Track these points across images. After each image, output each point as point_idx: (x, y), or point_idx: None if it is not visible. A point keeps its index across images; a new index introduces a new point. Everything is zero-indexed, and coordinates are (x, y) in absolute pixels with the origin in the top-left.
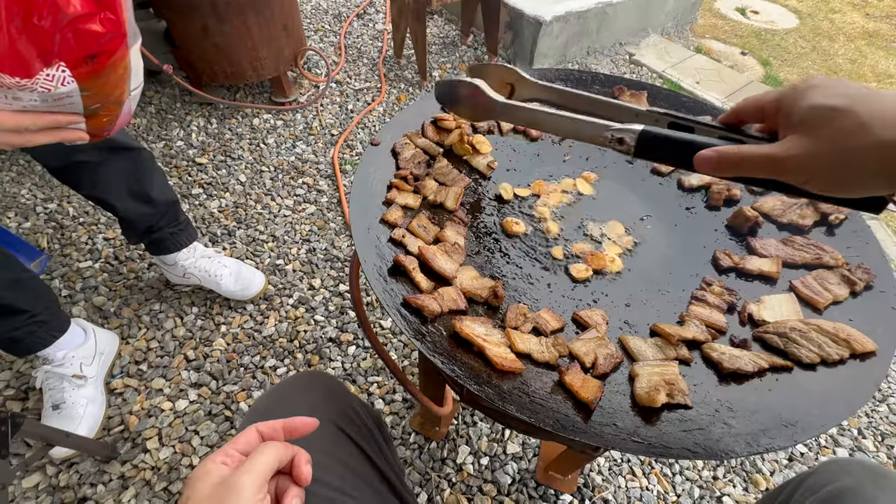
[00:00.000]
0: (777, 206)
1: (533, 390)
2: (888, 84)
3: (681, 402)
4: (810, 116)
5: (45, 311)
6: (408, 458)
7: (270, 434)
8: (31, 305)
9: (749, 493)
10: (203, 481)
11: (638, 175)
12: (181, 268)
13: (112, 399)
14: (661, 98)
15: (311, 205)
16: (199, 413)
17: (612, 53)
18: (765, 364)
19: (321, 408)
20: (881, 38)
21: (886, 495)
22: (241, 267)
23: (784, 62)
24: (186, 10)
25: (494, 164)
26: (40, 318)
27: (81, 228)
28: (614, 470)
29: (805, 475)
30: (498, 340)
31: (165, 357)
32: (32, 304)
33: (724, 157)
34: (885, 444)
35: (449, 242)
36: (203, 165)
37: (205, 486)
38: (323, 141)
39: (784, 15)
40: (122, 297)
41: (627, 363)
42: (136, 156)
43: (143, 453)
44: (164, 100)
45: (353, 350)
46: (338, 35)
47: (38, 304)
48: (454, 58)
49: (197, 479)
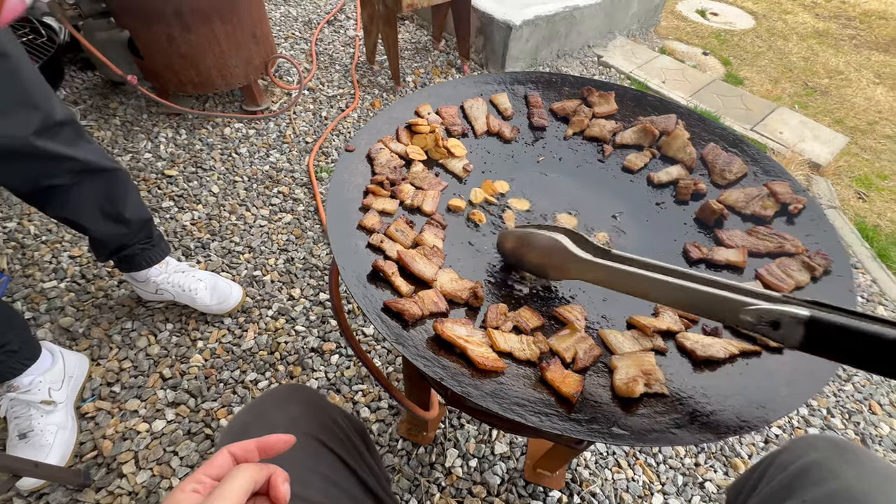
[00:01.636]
0: (740, 199)
1: (516, 388)
2: (839, 80)
3: (658, 391)
4: None
5: (15, 339)
6: (396, 465)
7: (244, 455)
8: (4, 338)
9: (729, 477)
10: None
11: (609, 173)
12: (153, 284)
13: (84, 424)
14: (627, 98)
15: (287, 214)
16: (177, 433)
17: (582, 56)
18: (735, 350)
19: (301, 421)
20: (830, 36)
21: (851, 468)
22: (216, 280)
23: (743, 61)
24: (150, 18)
25: (470, 167)
26: (9, 349)
27: (44, 247)
28: (600, 463)
29: (777, 452)
30: (479, 340)
31: (140, 377)
32: (5, 336)
33: None
34: (852, 421)
35: (427, 246)
36: (173, 177)
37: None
38: (297, 149)
39: (741, 16)
40: (90, 316)
41: (607, 356)
42: (110, 177)
43: (119, 478)
44: (129, 111)
45: (337, 359)
46: (309, 42)
47: (8, 333)
48: (427, 63)
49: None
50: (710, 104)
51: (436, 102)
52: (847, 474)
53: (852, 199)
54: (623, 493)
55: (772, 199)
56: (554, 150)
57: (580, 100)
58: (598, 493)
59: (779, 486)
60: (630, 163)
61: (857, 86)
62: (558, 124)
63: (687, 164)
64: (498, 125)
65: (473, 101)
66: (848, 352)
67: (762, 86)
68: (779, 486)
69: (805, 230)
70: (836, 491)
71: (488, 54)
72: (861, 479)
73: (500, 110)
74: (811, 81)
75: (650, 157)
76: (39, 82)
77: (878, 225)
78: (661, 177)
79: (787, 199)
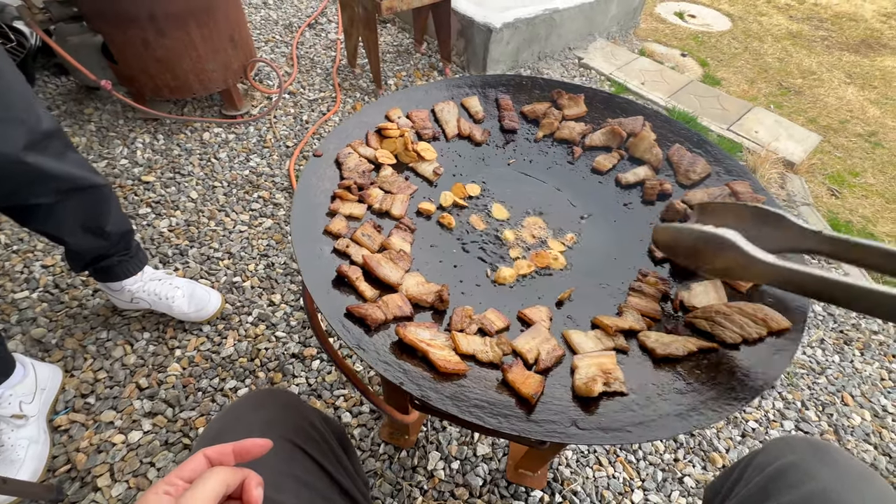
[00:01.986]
0: (704, 199)
1: (477, 390)
2: (812, 80)
3: (618, 389)
4: None
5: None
6: (378, 469)
7: (219, 458)
8: None
9: (707, 472)
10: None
11: (579, 174)
12: (128, 293)
13: (57, 437)
14: (597, 100)
15: (267, 219)
16: (154, 444)
17: (563, 58)
18: (693, 347)
19: (276, 425)
20: (804, 38)
21: (828, 469)
22: (194, 287)
23: (720, 62)
24: (123, 22)
25: (440, 171)
26: None
27: (15, 257)
28: (581, 461)
29: (755, 453)
30: (442, 343)
31: (115, 387)
32: None
33: None
34: (825, 413)
35: (395, 250)
36: (150, 184)
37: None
38: (278, 153)
39: (718, 18)
40: (64, 327)
41: (569, 356)
42: (96, 192)
43: (94, 492)
44: (104, 117)
45: (318, 364)
46: (289, 45)
47: None
48: (409, 66)
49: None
50: (687, 105)
51: (407, 106)
52: (823, 475)
53: (825, 195)
54: (604, 490)
55: (733, 199)
56: (524, 152)
57: (550, 102)
58: (579, 492)
59: (756, 489)
60: (599, 164)
61: (829, 85)
62: (529, 127)
63: (653, 164)
64: (469, 128)
65: (444, 104)
66: None
67: (739, 86)
68: (756, 489)
69: None
70: (813, 492)
71: (469, 57)
72: (836, 479)
73: (472, 113)
74: (785, 82)
75: (618, 158)
76: (26, 91)
77: (850, 221)
78: (628, 178)
79: (748, 198)
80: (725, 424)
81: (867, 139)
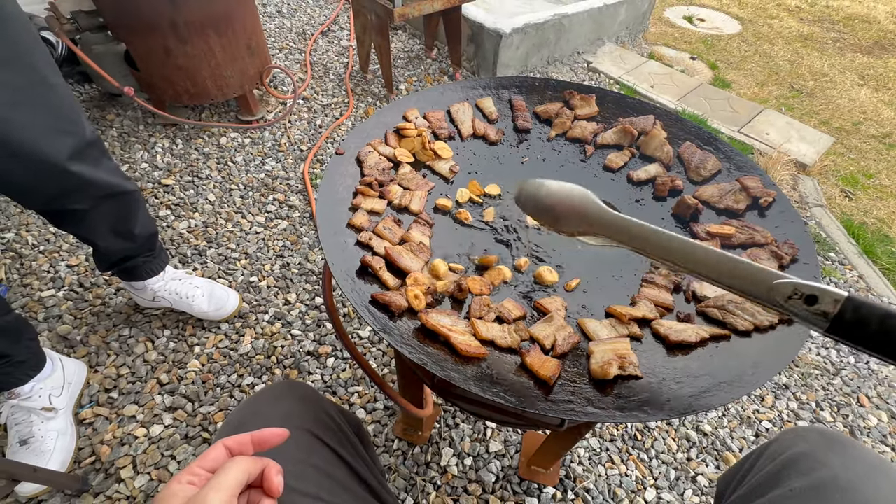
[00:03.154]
0: (715, 194)
1: (497, 372)
2: (823, 82)
3: (632, 373)
4: None
5: (23, 351)
6: (392, 464)
7: (238, 448)
8: (11, 350)
9: (721, 471)
10: (168, 502)
11: (591, 172)
12: (150, 292)
13: (82, 430)
14: (608, 100)
15: (283, 220)
16: (175, 437)
17: (571, 62)
18: (706, 335)
19: (295, 416)
20: (815, 40)
21: (838, 458)
22: (213, 287)
23: (730, 65)
24: (146, 31)
25: (456, 169)
26: (17, 360)
27: (42, 257)
28: (594, 459)
29: (766, 444)
30: (463, 329)
31: (137, 383)
32: (12, 349)
33: None
34: (840, 414)
35: (414, 242)
36: (170, 186)
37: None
38: (292, 157)
39: (727, 21)
40: (88, 324)
41: (585, 343)
42: (128, 198)
43: (117, 483)
44: (126, 122)
45: (332, 362)
46: (303, 52)
47: (18, 346)
48: (419, 71)
49: (162, 501)
50: (697, 107)
51: (423, 107)
52: (834, 464)
53: (838, 197)
54: (616, 488)
55: (743, 193)
56: (538, 151)
57: (562, 103)
58: (591, 489)
59: (767, 476)
60: (611, 162)
61: (842, 87)
62: (542, 126)
63: (664, 161)
64: (483, 128)
65: (460, 105)
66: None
67: (749, 89)
68: (767, 476)
69: (775, 222)
70: (823, 480)
71: (479, 62)
72: (847, 468)
73: (486, 114)
74: (797, 84)
75: (630, 156)
76: (74, 103)
77: (865, 222)
78: (640, 175)
79: (758, 193)
80: (739, 424)
81: (881, 140)
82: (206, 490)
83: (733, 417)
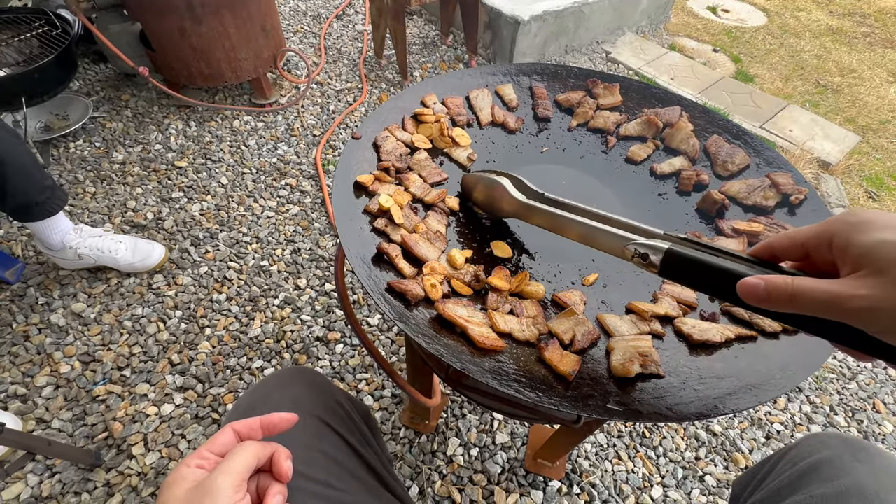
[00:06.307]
0: (742, 189)
1: (514, 366)
2: (851, 78)
3: (654, 371)
4: (881, 253)
5: None
6: (398, 452)
7: (247, 433)
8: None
9: (730, 472)
10: (178, 486)
11: (613, 163)
12: (71, 251)
13: (95, 406)
14: (632, 90)
15: (294, 205)
16: (185, 417)
17: (590, 52)
18: (731, 335)
19: (304, 402)
20: (844, 34)
21: (863, 466)
22: (136, 241)
23: (754, 59)
24: (161, 11)
25: (474, 156)
26: None
27: None
28: (601, 455)
29: (787, 449)
30: (480, 321)
31: (149, 362)
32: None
33: (774, 289)
34: (855, 419)
35: (431, 230)
36: (183, 168)
37: (180, 491)
38: (305, 142)
39: (753, 13)
40: (102, 303)
41: (604, 339)
42: None
43: (129, 459)
44: (140, 103)
45: (341, 348)
46: (317, 36)
47: None
48: (434, 58)
49: (172, 484)
50: (719, 101)
51: (442, 93)
52: (859, 473)
53: (862, 198)
54: (623, 484)
55: (773, 190)
56: (558, 140)
57: (585, 91)
58: (597, 484)
59: (787, 481)
60: (633, 154)
61: (871, 84)
62: (562, 115)
63: (690, 155)
64: (503, 115)
65: (479, 91)
66: (698, 281)
67: (773, 83)
68: (787, 481)
69: (806, 220)
70: (848, 488)
71: (496, 49)
72: (874, 477)
73: (506, 101)
74: (823, 79)
75: (653, 148)
76: None
77: None
78: (663, 168)
79: (789, 190)
80: (750, 425)
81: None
82: (216, 474)
83: (744, 418)
